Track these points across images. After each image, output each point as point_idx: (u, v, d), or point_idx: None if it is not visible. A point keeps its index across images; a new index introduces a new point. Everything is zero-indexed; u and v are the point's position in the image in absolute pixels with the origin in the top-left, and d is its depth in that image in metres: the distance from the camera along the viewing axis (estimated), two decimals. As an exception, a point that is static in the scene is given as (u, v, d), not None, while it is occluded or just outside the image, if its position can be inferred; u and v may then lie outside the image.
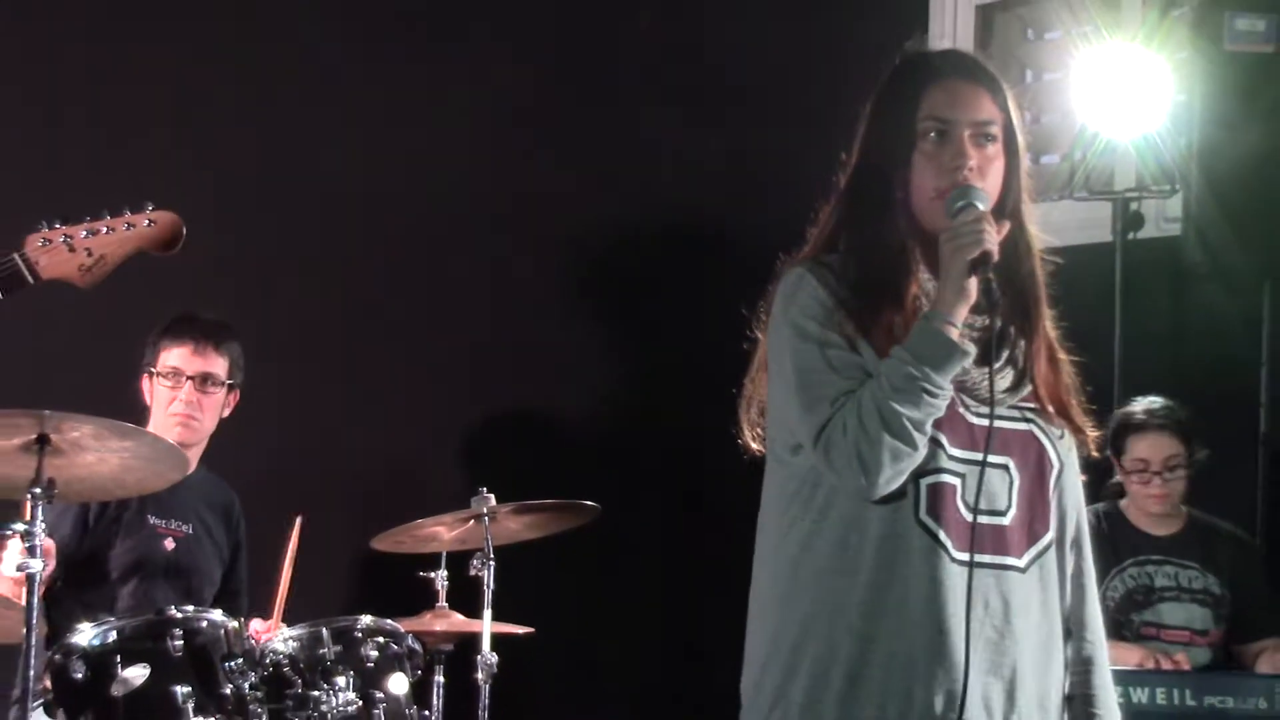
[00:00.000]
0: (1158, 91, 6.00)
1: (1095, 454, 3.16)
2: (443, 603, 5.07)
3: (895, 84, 3.13)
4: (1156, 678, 5.09)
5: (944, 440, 2.95)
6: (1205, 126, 5.83)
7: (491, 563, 4.98)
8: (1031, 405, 3.08)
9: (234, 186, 5.98)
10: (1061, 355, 3.15)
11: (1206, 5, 5.88)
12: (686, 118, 6.65)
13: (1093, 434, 3.14)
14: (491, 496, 5.00)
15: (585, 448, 6.58)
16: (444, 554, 5.10)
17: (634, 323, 6.73)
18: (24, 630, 4.02)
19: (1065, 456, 3.10)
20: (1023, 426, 3.06)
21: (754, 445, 3.19)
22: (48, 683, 4.24)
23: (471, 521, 5.02)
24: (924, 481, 2.94)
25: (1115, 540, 5.58)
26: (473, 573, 4.99)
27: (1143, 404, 5.56)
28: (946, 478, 2.95)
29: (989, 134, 3.06)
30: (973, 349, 2.94)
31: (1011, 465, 3.02)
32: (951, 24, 6.97)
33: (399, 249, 6.40)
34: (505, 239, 6.60)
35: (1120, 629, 5.50)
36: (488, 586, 4.97)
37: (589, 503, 5.12)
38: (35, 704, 4.15)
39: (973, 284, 2.92)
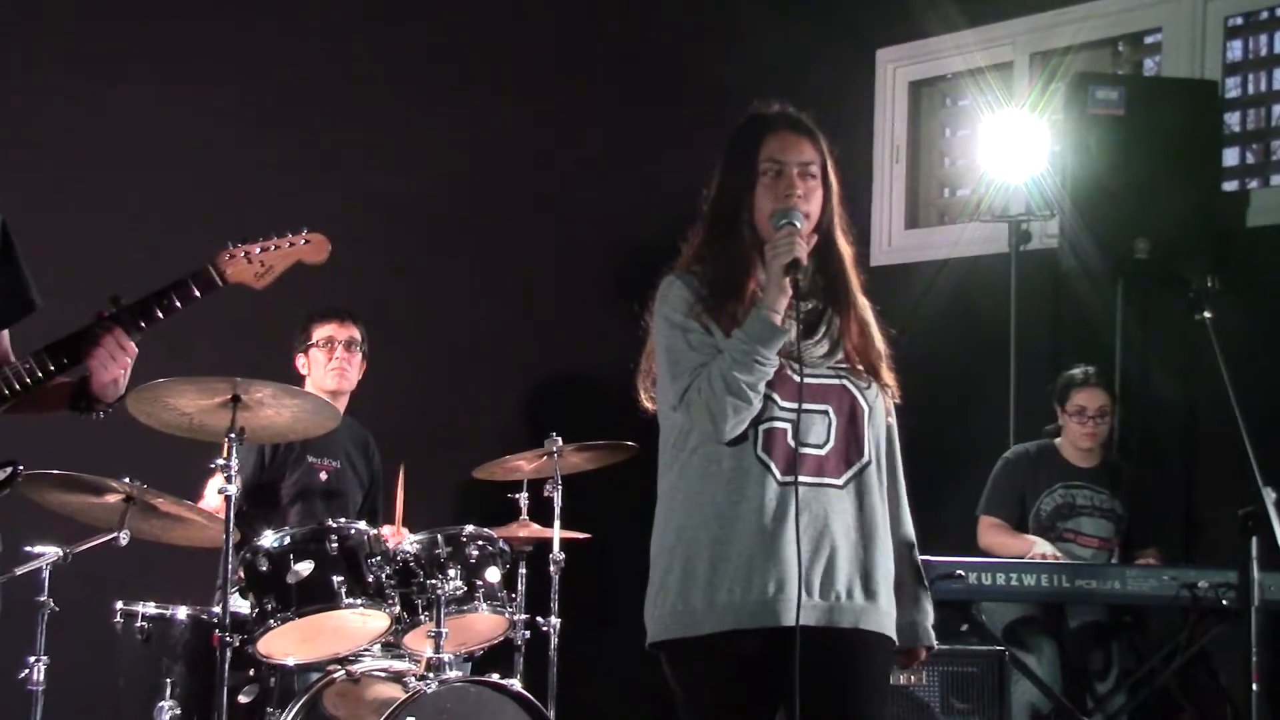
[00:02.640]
0: (1040, 144, 6.01)
1: (898, 400, 3.11)
2: (525, 516, 5.04)
3: (742, 135, 3.12)
4: (1041, 566, 5.10)
5: (776, 396, 2.96)
6: (1074, 169, 5.79)
7: (560, 487, 4.97)
8: (845, 365, 3.05)
9: (363, 208, 5.92)
10: (875, 330, 3.10)
11: (1075, 81, 5.84)
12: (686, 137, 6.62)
13: (894, 385, 3.09)
14: (559, 438, 4.97)
15: (627, 401, 6.55)
16: (525, 480, 5.07)
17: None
18: (223, 537, 4.07)
19: (874, 402, 3.06)
20: (837, 382, 3.03)
21: (650, 406, 3.20)
22: (241, 574, 4.25)
23: (545, 457, 4.99)
24: (761, 427, 2.96)
25: (1050, 468, 5.56)
26: (546, 494, 4.97)
27: (1082, 367, 5.55)
28: (777, 423, 2.96)
29: (811, 171, 3.06)
30: (793, 328, 2.93)
31: (830, 410, 3.00)
32: (890, 96, 6.89)
33: (491, 256, 6.38)
34: (554, 240, 6.57)
35: (1049, 532, 5.47)
36: (557, 504, 4.96)
37: (629, 443, 5.09)
38: (232, 590, 4.15)
39: (788, 283, 2.92)
